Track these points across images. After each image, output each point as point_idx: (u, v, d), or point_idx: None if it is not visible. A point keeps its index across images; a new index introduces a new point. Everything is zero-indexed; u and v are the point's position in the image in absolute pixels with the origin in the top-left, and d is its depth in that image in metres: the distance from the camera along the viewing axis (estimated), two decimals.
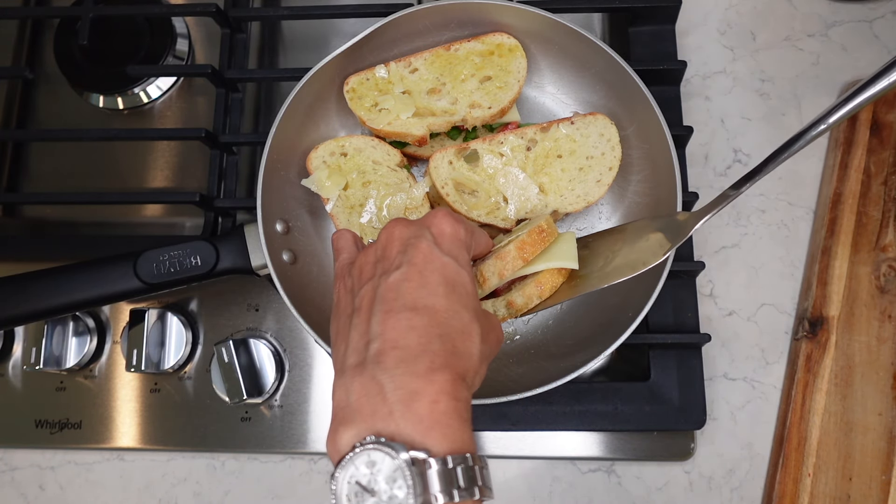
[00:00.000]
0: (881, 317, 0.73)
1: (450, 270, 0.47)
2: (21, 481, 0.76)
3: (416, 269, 0.46)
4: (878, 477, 0.69)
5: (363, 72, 0.72)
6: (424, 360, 0.42)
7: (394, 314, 0.44)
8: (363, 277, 0.49)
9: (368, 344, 0.43)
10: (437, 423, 0.40)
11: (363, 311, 0.46)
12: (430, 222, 0.51)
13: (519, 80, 0.72)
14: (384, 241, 0.50)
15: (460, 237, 0.51)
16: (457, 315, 0.45)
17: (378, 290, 0.46)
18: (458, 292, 0.47)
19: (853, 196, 0.76)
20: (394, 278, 0.46)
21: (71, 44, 0.85)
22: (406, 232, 0.50)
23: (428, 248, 0.48)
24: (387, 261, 0.48)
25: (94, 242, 0.78)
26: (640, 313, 0.64)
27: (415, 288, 0.45)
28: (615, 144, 0.70)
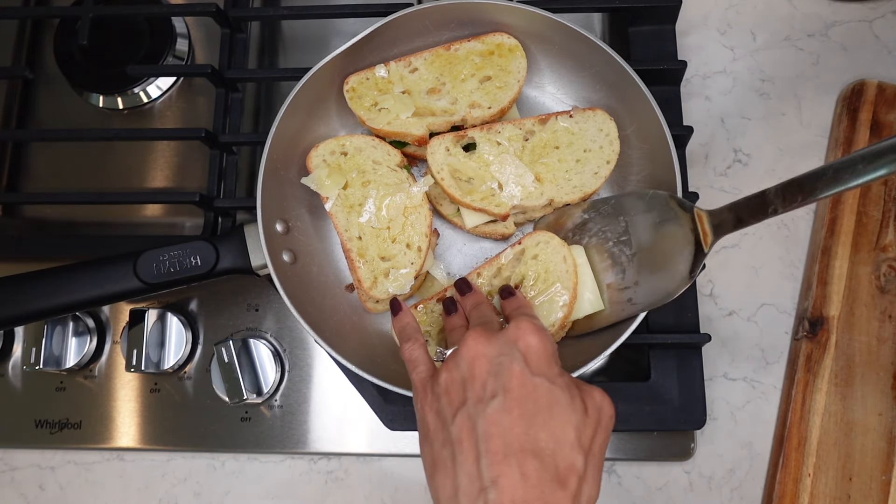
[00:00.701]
0: (881, 317, 0.73)
1: (544, 393, 0.47)
2: (21, 481, 0.76)
3: (514, 398, 0.46)
4: (878, 477, 0.69)
5: (363, 71, 0.72)
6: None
7: (503, 459, 0.44)
8: (453, 402, 0.48)
9: (483, 492, 0.44)
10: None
11: (466, 448, 0.46)
12: (517, 337, 0.49)
13: (519, 80, 0.72)
14: (469, 359, 0.49)
15: (549, 351, 0.50)
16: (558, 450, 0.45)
17: (477, 423, 0.46)
18: (557, 416, 0.46)
19: (853, 196, 0.76)
20: (492, 410, 0.46)
21: (71, 44, 0.85)
22: (492, 350, 0.48)
23: (521, 372, 0.47)
24: (477, 384, 0.47)
25: (94, 242, 0.78)
26: (641, 313, 0.64)
27: (517, 422, 0.45)
28: (613, 139, 0.70)
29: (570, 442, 0.46)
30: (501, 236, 0.73)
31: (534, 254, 0.68)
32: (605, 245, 0.67)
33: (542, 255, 0.68)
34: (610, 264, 0.66)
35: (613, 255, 0.66)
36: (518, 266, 0.69)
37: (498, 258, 0.69)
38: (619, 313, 0.65)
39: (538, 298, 0.67)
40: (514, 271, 0.69)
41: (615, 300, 0.66)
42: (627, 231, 0.65)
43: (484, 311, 0.57)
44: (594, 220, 0.68)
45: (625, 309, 0.64)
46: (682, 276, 0.61)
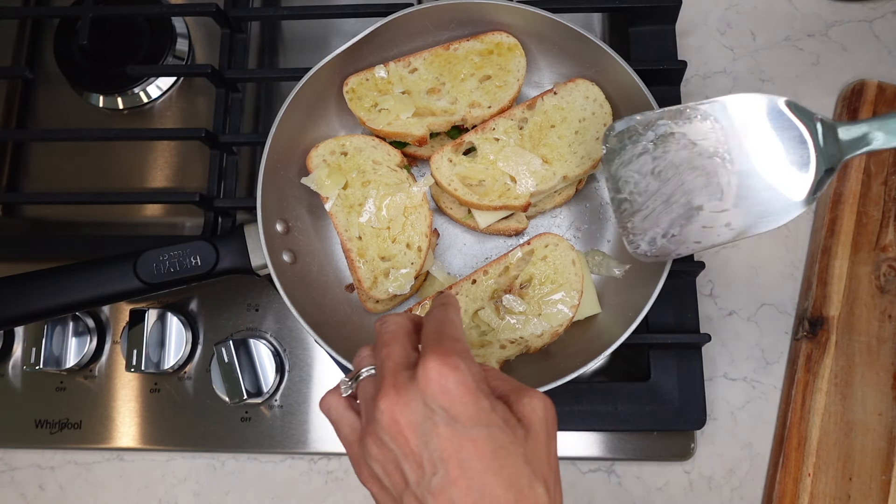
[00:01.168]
0: (881, 317, 0.73)
1: (484, 445, 0.42)
2: (21, 481, 0.76)
3: (456, 466, 0.42)
4: (878, 477, 0.69)
5: (363, 72, 0.72)
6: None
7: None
8: (396, 483, 0.44)
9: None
10: None
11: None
12: (431, 388, 0.43)
13: (518, 79, 0.72)
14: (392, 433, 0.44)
15: (471, 387, 0.44)
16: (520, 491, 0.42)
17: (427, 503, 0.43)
18: (504, 463, 0.43)
19: (853, 196, 0.76)
20: (436, 487, 0.42)
21: (71, 44, 0.85)
22: (413, 415, 0.43)
23: (452, 434, 0.42)
24: (412, 461, 0.43)
25: (94, 242, 0.78)
26: (640, 313, 0.64)
27: (466, 491, 0.42)
28: (602, 102, 0.71)
29: (528, 478, 0.43)
30: (515, 232, 0.73)
31: (543, 255, 0.69)
32: (698, 160, 0.56)
33: (551, 256, 0.69)
34: (704, 183, 0.57)
35: (708, 170, 0.56)
36: (526, 266, 0.69)
37: (506, 257, 0.69)
38: (714, 239, 0.58)
39: (546, 299, 0.67)
40: (521, 271, 0.69)
41: (709, 225, 0.57)
42: (727, 142, 0.55)
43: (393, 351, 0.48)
44: (684, 130, 0.57)
45: (720, 234, 0.57)
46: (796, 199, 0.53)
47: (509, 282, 0.69)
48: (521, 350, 0.68)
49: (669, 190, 0.58)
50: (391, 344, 0.48)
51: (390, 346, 0.48)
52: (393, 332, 0.49)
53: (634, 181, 0.59)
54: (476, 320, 0.68)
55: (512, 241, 0.74)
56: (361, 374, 0.49)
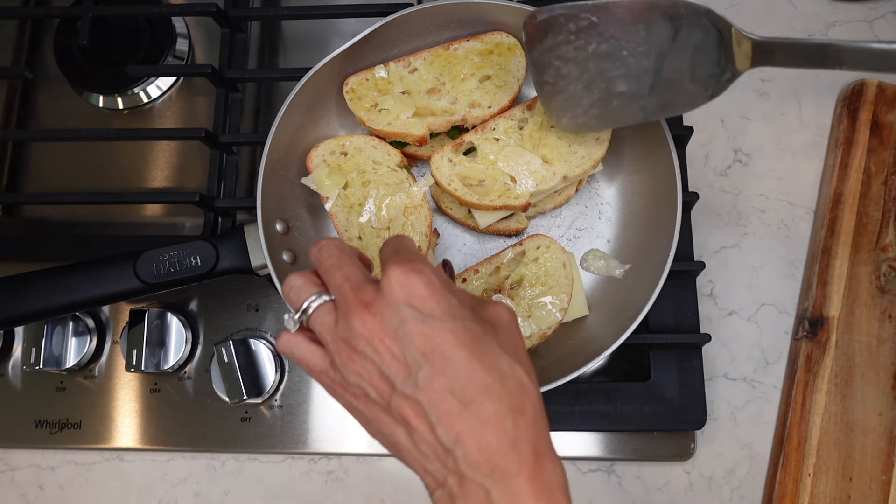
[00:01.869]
0: (881, 317, 0.73)
1: (461, 335, 0.44)
2: (21, 481, 0.76)
3: (437, 359, 0.43)
4: (878, 477, 0.69)
5: (362, 72, 0.72)
6: (513, 455, 0.42)
7: (456, 417, 0.42)
8: (383, 391, 0.45)
9: (450, 453, 0.43)
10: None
11: (417, 424, 0.44)
12: (399, 295, 0.44)
13: (518, 80, 0.72)
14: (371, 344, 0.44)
15: (437, 285, 0.45)
16: (503, 377, 0.44)
17: (418, 398, 0.43)
18: (483, 350, 0.44)
19: (853, 196, 0.76)
20: (423, 381, 0.43)
21: (71, 44, 0.85)
22: (385, 323, 0.44)
23: (427, 329, 0.43)
24: (395, 364, 0.44)
25: (94, 242, 0.78)
26: (640, 313, 0.64)
27: (452, 379, 0.43)
28: None
29: (507, 362, 0.44)
30: (515, 232, 0.73)
31: (534, 256, 0.69)
32: (619, 53, 0.60)
33: (542, 258, 0.69)
34: (623, 73, 0.61)
35: (627, 63, 0.60)
36: (517, 267, 0.69)
37: (497, 257, 0.69)
38: (629, 120, 0.64)
39: (535, 301, 0.68)
40: (512, 271, 0.69)
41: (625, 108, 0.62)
42: (647, 41, 0.59)
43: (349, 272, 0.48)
44: (606, 25, 0.59)
45: (636, 115, 0.63)
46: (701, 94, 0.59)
47: (499, 282, 0.69)
48: None
49: (590, 77, 0.62)
50: (343, 266, 0.48)
51: (343, 268, 0.48)
52: (337, 254, 0.49)
53: (556, 67, 0.62)
54: None
55: (512, 241, 0.74)
56: (310, 305, 0.48)
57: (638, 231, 0.72)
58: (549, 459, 0.43)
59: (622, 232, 0.74)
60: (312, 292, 0.49)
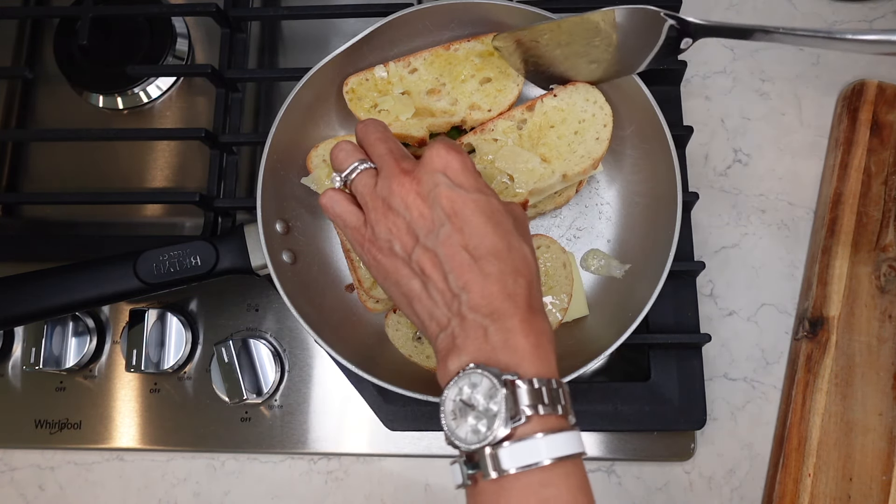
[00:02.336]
0: (881, 317, 0.73)
1: (483, 205, 0.50)
2: (21, 481, 0.76)
3: (459, 219, 0.50)
4: (878, 477, 0.69)
5: (362, 72, 0.72)
6: (510, 302, 0.48)
7: (466, 268, 0.49)
8: (406, 243, 0.51)
9: (458, 298, 0.49)
10: (528, 353, 0.47)
11: (432, 273, 0.50)
12: (436, 165, 0.52)
13: (518, 84, 0.72)
14: (402, 201, 0.51)
15: (469, 167, 0.52)
16: (511, 247, 0.50)
17: (437, 251, 0.50)
18: (499, 222, 0.50)
19: (853, 196, 0.76)
20: (444, 235, 0.50)
21: (71, 44, 0.85)
22: (421, 186, 0.51)
23: (455, 195, 0.50)
24: (423, 221, 0.51)
25: (94, 242, 0.78)
26: (640, 313, 0.64)
27: (468, 238, 0.49)
28: (603, 104, 0.70)
29: (517, 238, 0.51)
30: None
31: None
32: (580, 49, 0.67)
33: (542, 258, 0.69)
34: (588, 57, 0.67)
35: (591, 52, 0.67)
36: None
37: None
38: None
39: None
40: None
41: None
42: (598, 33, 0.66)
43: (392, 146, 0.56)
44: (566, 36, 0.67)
45: None
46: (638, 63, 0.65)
47: None
48: None
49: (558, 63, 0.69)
50: (388, 140, 0.57)
51: (388, 143, 0.56)
52: (383, 130, 0.58)
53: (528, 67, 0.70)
54: None
55: None
56: (356, 167, 0.56)
57: (638, 231, 0.72)
58: (540, 314, 0.50)
59: (622, 232, 0.73)
60: (358, 158, 0.56)
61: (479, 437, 0.45)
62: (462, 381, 0.47)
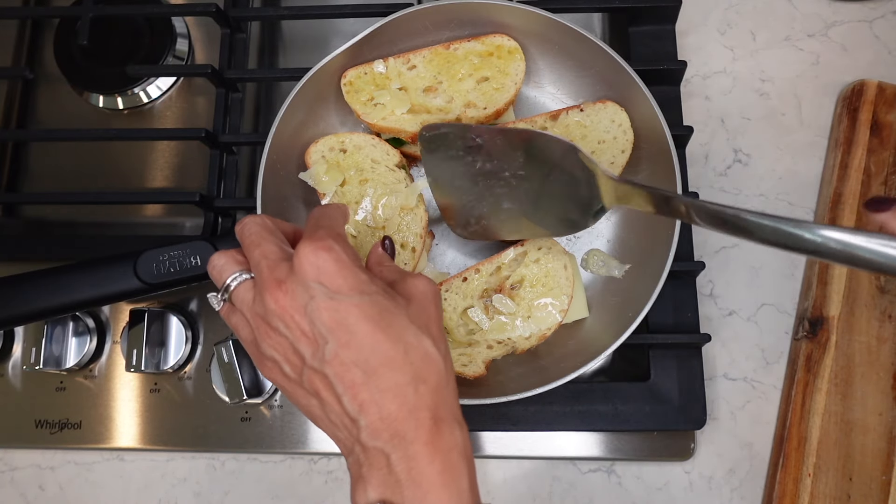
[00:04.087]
0: (881, 317, 0.73)
1: (367, 309, 0.46)
2: (21, 481, 0.76)
3: (343, 332, 0.45)
4: (878, 477, 0.69)
5: (361, 66, 0.72)
6: (411, 422, 0.45)
7: (359, 388, 0.45)
8: (294, 364, 0.47)
9: (356, 423, 0.45)
10: (435, 484, 0.44)
11: (327, 397, 0.46)
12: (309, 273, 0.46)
13: (516, 83, 0.72)
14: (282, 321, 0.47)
15: (347, 264, 0.47)
16: (407, 349, 0.46)
17: (325, 371, 0.46)
18: (389, 323, 0.46)
19: (853, 196, 0.76)
20: (329, 355, 0.45)
21: (71, 44, 0.85)
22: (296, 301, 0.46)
23: (334, 305, 0.45)
24: (305, 339, 0.46)
25: (94, 242, 0.78)
26: (640, 313, 0.64)
27: (356, 352, 0.45)
28: (627, 129, 0.70)
29: (414, 333, 0.46)
30: None
31: (535, 258, 0.69)
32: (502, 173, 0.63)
33: (544, 259, 0.69)
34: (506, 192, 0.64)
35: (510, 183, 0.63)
36: (518, 267, 0.69)
37: (499, 256, 0.69)
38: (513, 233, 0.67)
39: (536, 302, 0.68)
40: (513, 272, 0.69)
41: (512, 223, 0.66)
42: (525, 167, 0.61)
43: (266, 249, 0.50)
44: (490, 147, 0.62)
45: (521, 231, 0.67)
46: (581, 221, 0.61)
47: (500, 282, 0.69)
48: (508, 351, 0.68)
49: (479, 191, 0.65)
50: (261, 244, 0.50)
51: (261, 246, 0.50)
52: (257, 232, 0.51)
53: (449, 179, 0.66)
54: (464, 318, 0.68)
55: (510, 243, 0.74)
56: (234, 279, 0.51)
57: (638, 231, 0.72)
58: (448, 424, 0.45)
59: (622, 232, 0.74)
60: (234, 270, 0.51)
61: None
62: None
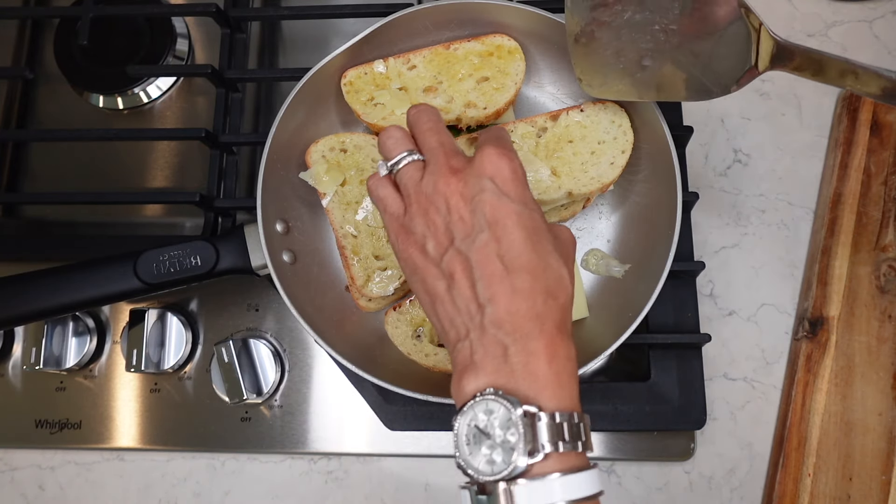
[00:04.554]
0: (881, 317, 0.73)
1: (526, 219, 0.48)
2: (21, 481, 0.76)
3: (498, 229, 0.48)
4: (878, 477, 0.69)
5: (361, 66, 0.72)
6: (537, 323, 0.46)
7: (497, 280, 0.47)
8: (441, 243, 0.50)
9: (482, 309, 0.47)
10: (550, 382, 0.45)
11: (461, 279, 0.48)
12: (486, 170, 0.50)
13: (516, 83, 0.72)
14: (445, 200, 0.50)
15: (519, 175, 0.50)
16: (548, 266, 0.48)
17: (470, 256, 0.48)
18: (539, 240, 0.48)
19: (853, 196, 0.76)
20: (481, 243, 0.48)
21: (71, 44, 0.85)
22: (467, 189, 0.49)
23: (499, 203, 0.48)
24: (462, 224, 0.49)
25: (94, 242, 0.78)
26: (640, 313, 0.64)
27: (504, 249, 0.47)
28: (627, 129, 0.70)
29: (556, 259, 0.49)
30: None
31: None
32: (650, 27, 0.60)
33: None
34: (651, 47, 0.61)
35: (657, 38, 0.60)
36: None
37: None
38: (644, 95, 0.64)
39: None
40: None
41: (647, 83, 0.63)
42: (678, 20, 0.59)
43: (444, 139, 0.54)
44: None
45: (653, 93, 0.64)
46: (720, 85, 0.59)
47: None
48: None
49: (620, 44, 0.62)
50: (440, 133, 0.54)
51: (440, 135, 0.54)
52: (435, 121, 0.55)
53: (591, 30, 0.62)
54: None
55: None
56: (403, 158, 0.54)
57: (638, 231, 0.72)
58: (568, 339, 0.47)
59: (622, 232, 0.73)
60: (407, 147, 0.54)
61: (494, 469, 0.43)
62: (478, 406, 0.44)
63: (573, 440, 0.44)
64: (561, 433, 0.43)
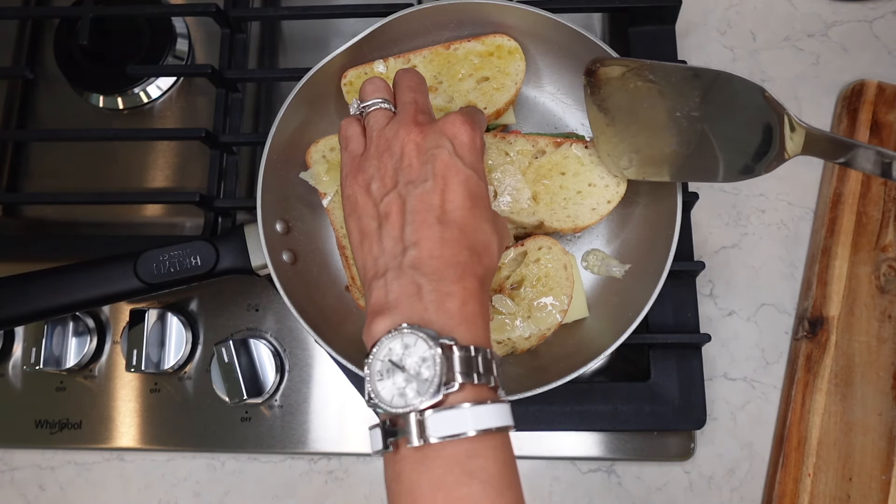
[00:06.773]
0: (881, 317, 0.73)
1: (472, 184, 0.50)
2: (21, 481, 0.76)
3: (442, 183, 0.50)
4: (878, 477, 0.69)
5: (361, 66, 0.72)
6: (457, 269, 0.47)
7: (427, 226, 0.48)
8: (386, 184, 0.51)
9: (405, 251, 0.48)
10: (465, 320, 0.46)
11: (393, 219, 0.50)
12: (447, 130, 0.52)
13: (516, 83, 0.72)
14: (401, 147, 0.52)
15: (477, 146, 0.53)
16: (480, 229, 0.50)
17: (407, 200, 0.49)
18: (479, 205, 0.50)
19: (853, 196, 0.76)
20: (421, 190, 0.49)
21: (71, 44, 0.85)
22: (425, 141, 0.51)
23: (451, 161, 0.50)
24: (410, 170, 0.51)
25: (94, 242, 0.78)
26: (640, 313, 0.64)
27: (443, 202, 0.49)
28: (622, 181, 0.68)
29: (489, 228, 0.51)
30: None
31: (535, 258, 0.68)
32: (672, 114, 0.61)
33: (544, 259, 0.68)
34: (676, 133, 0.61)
35: (680, 124, 0.61)
36: (518, 267, 0.69)
37: None
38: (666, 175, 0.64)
39: (536, 302, 0.67)
40: (513, 272, 0.69)
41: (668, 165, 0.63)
42: (700, 108, 0.59)
43: (419, 98, 0.56)
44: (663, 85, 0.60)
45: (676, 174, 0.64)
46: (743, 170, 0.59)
47: (500, 282, 0.69)
48: (508, 351, 0.68)
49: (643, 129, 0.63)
50: (417, 92, 0.56)
51: (416, 93, 0.56)
52: (420, 83, 0.58)
53: (613, 113, 0.64)
54: None
55: None
56: (376, 103, 0.56)
57: (638, 231, 0.72)
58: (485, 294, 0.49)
59: (622, 232, 0.73)
60: (382, 96, 0.57)
61: (406, 402, 0.43)
62: (393, 340, 0.45)
63: (486, 374, 0.45)
64: (475, 366, 0.44)
